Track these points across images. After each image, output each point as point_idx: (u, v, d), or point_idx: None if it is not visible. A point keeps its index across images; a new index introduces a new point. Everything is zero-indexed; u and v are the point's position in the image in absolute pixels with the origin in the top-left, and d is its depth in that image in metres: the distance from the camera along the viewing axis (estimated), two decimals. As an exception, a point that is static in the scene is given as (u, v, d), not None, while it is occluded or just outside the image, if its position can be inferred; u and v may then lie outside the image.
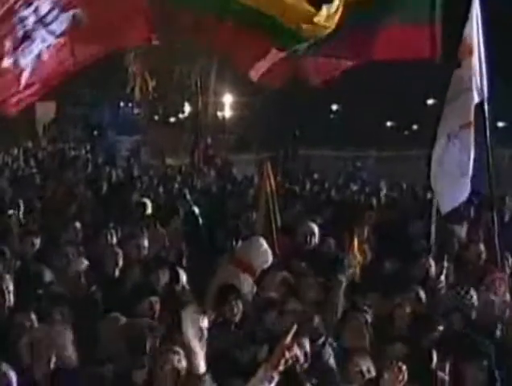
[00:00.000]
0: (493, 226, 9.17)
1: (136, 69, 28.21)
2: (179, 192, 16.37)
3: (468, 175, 8.87)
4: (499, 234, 9.10)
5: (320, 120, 46.51)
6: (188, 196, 12.76)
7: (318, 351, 6.48)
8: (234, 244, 10.35)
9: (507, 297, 8.28)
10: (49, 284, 8.29)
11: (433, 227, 9.63)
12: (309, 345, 6.23)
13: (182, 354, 5.67)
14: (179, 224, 11.81)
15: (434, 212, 9.79)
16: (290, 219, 11.45)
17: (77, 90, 36.42)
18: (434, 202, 9.86)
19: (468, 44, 8.87)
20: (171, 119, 41.31)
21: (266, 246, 8.42)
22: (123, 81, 29.43)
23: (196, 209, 11.71)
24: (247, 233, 10.61)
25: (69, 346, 6.04)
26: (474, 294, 7.81)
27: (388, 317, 7.42)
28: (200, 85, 29.00)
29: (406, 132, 52.71)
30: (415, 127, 50.93)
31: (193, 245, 10.59)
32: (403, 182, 19.89)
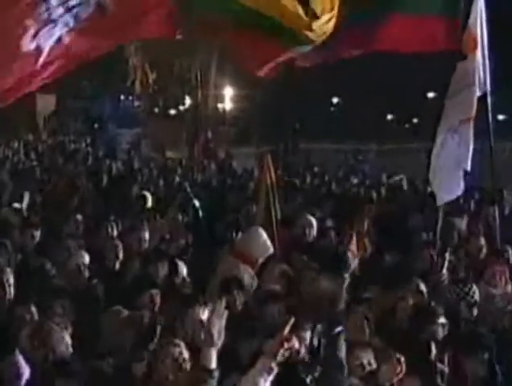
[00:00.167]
0: (494, 219, 9.18)
1: (136, 62, 28.16)
2: (179, 185, 16.36)
3: (466, 169, 8.86)
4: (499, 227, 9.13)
5: (321, 113, 46.56)
6: (189, 189, 12.74)
7: (333, 340, 6.39)
8: (234, 237, 10.34)
9: (508, 289, 8.29)
10: (50, 277, 8.29)
11: (440, 221, 9.57)
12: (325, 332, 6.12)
13: (183, 346, 5.68)
14: (176, 213, 11.82)
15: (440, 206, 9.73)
16: (290, 212, 11.43)
17: (78, 83, 36.44)
18: None
19: (472, 36, 8.85)
20: (172, 112, 41.26)
21: (266, 236, 8.38)
22: (123, 74, 29.40)
23: (197, 202, 11.69)
24: (247, 226, 10.59)
25: (66, 339, 6.02)
26: (475, 287, 7.81)
27: (390, 309, 7.41)
28: (201, 78, 28.92)
29: (406, 125, 52.76)
30: (416, 120, 50.98)
31: (193, 238, 10.60)
32: (404, 175, 19.86)
